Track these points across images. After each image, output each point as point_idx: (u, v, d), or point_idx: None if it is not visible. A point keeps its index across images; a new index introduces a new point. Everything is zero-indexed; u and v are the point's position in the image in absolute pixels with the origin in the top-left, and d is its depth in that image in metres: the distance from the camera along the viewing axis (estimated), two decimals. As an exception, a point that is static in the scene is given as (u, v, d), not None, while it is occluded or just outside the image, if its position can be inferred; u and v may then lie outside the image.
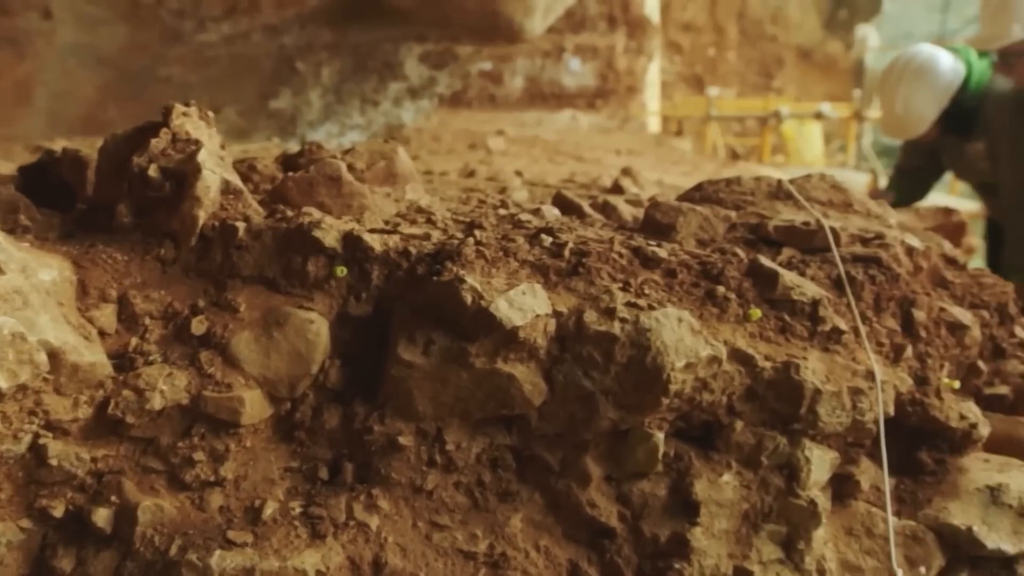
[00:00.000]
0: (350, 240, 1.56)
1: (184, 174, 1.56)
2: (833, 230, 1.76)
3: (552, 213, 1.94)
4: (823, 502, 1.51)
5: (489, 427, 1.51)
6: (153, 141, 1.60)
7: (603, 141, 8.80)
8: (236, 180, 1.66)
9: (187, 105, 1.66)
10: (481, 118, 9.97)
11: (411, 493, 1.48)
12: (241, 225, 1.57)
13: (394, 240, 1.57)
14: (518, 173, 4.41)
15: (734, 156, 11.60)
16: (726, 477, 1.50)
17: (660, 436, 1.48)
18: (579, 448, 1.49)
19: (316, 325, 1.50)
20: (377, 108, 7.69)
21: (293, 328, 1.49)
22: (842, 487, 1.57)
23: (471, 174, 4.26)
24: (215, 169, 1.59)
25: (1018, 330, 1.89)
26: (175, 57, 6.42)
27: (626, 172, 3.34)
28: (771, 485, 1.51)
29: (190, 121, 1.65)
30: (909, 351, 1.68)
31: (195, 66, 6.54)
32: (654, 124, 11.26)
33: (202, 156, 1.57)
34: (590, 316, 1.46)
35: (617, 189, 3.20)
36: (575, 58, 10.92)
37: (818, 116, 10.55)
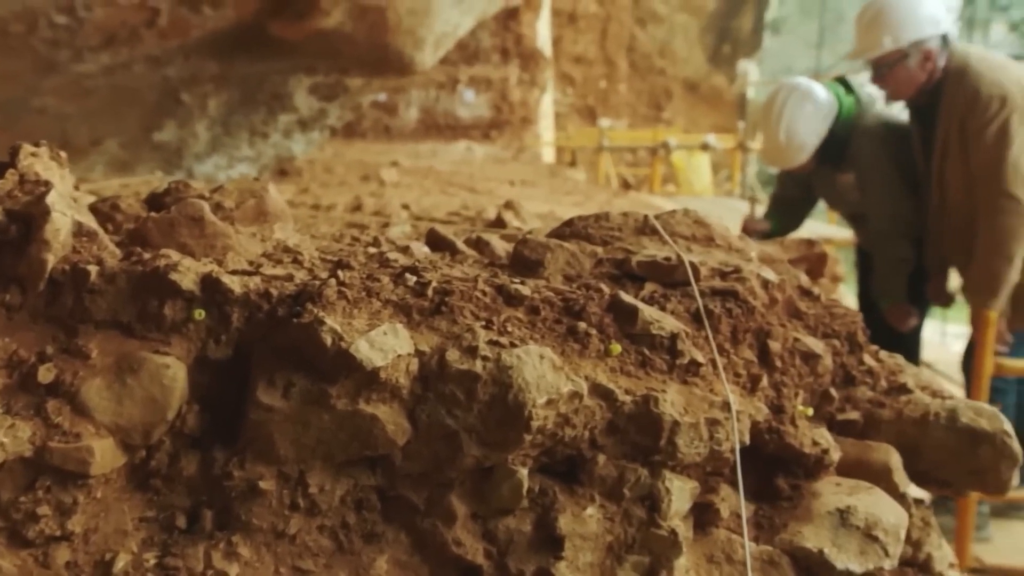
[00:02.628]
0: (209, 282, 1.53)
1: (32, 217, 1.51)
2: (693, 265, 1.81)
3: (422, 251, 1.95)
4: (684, 531, 1.54)
5: (353, 468, 1.49)
6: (-1, 182, 1.55)
7: (498, 172, 8.89)
8: (90, 222, 1.62)
9: (37, 145, 1.61)
10: (376, 149, 9.96)
11: (273, 538, 1.45)
12: (94, 268, 1.52)
13: (255, 282, 1.55)
14: (405, 207, 4.41)
15: (626, 186, 11.87)
16: (590, 510, 1.52)
17: (524, 472, 1.49)
18: (444, 487, 1.50)
19: (172, 370, 1.47)
20: (267, 140, 7.59)
21: (148, 373, 1.45)
22: (703, 515, 1.61)
23: (358, 208, 4.24)
24: (66, 211, 1.54)
25: (867, 358, 1.98)
26: (50, 88, 6.19)
27: (508, 205, 3.38)
28: (634, 517, 1.54)
29: (40, 162, 1.60)
30: (765, 381, 1.75)
31: (72, 97, 6.33)
32: (548, 154, 11.48)
33: (51, 198, 1.52)
34: (452, 355, 1.47)
35: (499, 222, 3.23)
36: (469, 90, 11.06)
37: (704, 147, 10.91)
